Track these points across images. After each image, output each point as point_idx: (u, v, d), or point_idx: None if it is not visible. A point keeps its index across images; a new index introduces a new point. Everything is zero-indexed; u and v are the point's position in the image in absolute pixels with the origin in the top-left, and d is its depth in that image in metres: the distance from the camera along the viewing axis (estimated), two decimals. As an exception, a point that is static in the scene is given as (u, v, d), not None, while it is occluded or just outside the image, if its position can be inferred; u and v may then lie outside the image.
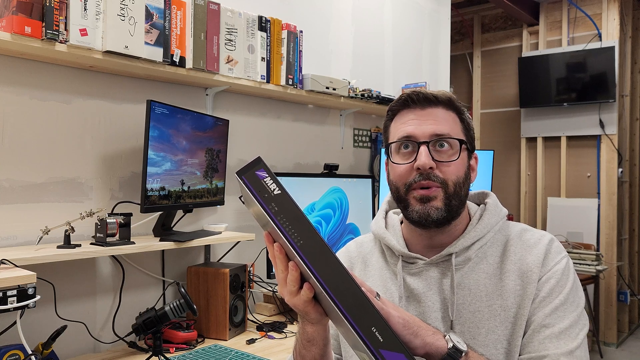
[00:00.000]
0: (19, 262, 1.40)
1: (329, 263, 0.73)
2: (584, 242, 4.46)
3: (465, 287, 0.98)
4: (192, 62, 1.93)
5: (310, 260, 0.72)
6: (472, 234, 1.00)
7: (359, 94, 2.71)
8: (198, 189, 2.00)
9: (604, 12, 4.55)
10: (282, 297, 0.82)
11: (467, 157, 1.02)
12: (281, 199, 0.74)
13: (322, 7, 2.80)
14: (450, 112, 1.01)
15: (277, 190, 0.74)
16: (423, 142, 0.98)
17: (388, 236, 1.07)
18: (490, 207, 1.05)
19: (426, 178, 0.97)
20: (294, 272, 0.77)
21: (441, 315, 0.98)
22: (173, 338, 1.81)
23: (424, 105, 1.01)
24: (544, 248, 0.98)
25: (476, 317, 0.95)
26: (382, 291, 1.05)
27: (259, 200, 0.74)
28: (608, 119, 4.52)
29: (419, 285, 1.01)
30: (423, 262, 1.02)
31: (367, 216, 2.66)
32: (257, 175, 0.75)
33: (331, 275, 0.72)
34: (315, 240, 0.73)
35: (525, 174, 4.99)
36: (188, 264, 2.08)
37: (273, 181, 0.75)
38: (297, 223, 0.73)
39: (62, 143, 1.76)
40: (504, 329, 0.93)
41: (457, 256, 1.00)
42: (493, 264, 0.99)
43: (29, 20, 1.47)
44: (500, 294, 0.96)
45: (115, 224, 1.64)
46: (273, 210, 0.74)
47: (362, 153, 3.11)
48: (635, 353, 4.39)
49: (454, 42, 5.22)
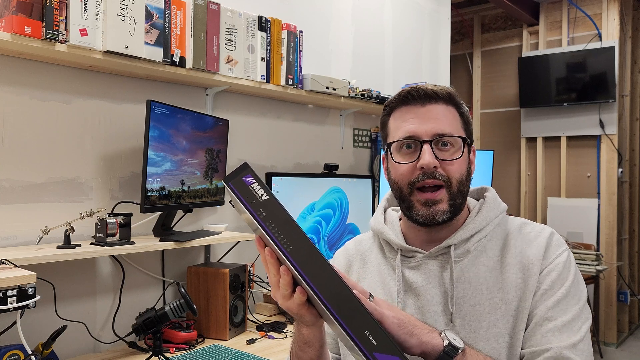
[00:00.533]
0: (19, 262, 1.40)
1: (319, 267, 0.72)
2: (584, 242, 4.46)
3: (465, 281, 0.97)
4: (192, 62, 1.93)
5: (300, 266, 0.72)
6: (470, 226, 1.00)
7: (359, 94, 2.71)
8: (198, 189, 2.00)
9: (604, 12, 4.55)
10: (276, 300, 0.82)
11: (468, 152, 1.02)
12: (269, 205, 0.74)
13: (322, 7, 2.80)
14: (450, 108, 1.01)
15: (265, 195, 0.74)
16: (426, 140, 0.97)
17: (387, 230, 1.07)
18: (489, 201, 1.05)
19: (430, 176, 0.96)
20: (286, 276, 0.77)
21: (441, 308, 0.97)
22: (173, 338, 1.81)
23: (424, 101, 1.00)
24: (544, 241, 0.97)
25: (477, 310, 0.95)
26: (381, 286, 1.05)
27: (246, 206, 0.74)
28: (608, 119, 4.52)
29: (418, 278, 1.01)
30: (422, 256, 1.01)
31: (367, 216, 2.66)
32: (244, 181, 0.75)
33: (322, 279, 0.72)
34: (304, 245, 0.73)
35: (525, 174, 5.00)
36: (188, 264, 2.08)
37: (260, 186, 0.74)
38: (286, 228, 0.73)
39: (62, 143, 1.76)
40: (505, 322, 0.93)
41: (456, 248, 0.99)
42: (493, 257, 0.99)
43: (29, 20, 1.47)
44: (501, 287, 0.95)
45: (115, 224, 1.64)
46: (261, 216, 0.73)
47: (362, 153, 3.11)
48: (635, 353, 4.39)
49: (454, 42, 5.22)
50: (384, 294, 1.04)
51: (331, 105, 2.78)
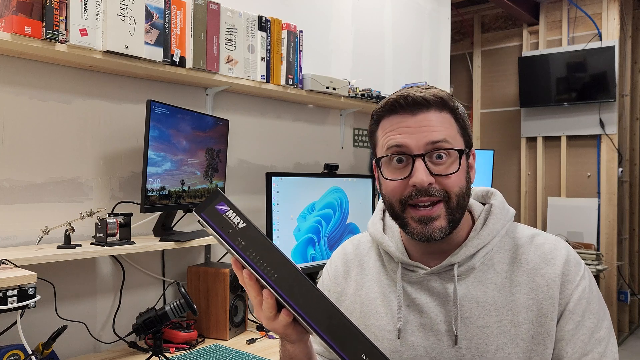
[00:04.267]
0: (19, 262, 1.40)
1: (307, 294, 0.69)
2: (584, 242, 4.46)
3: (472, 300, 0.91)
4: (192, 62, 1.93)
5: (287, 294, 0.69)
6: (475, 242, 0.93)
7: (359, 94, 2.71)
8: (198, 189, 2.00)
9: (604, 12, 4.55)
10: (260, 321, 0.79)
11: (466, 161, 0.93)
12: (247, 232, 0.69)
13: (322, 7, 2.80)
14: (444, 114, 0.91)
15: (242, 223, 0.69)
16: (418, 155, 0.87)
17: (386, 241, 1.00)
18: (496, 211, 0.96)
19: (425, 194, 0.87)
20: (269, 299, 0.74)
21: (445, 328, 0.91)
22: (173, 338, 1.81)
23: (414, 110, 0.89)
24: (562, 260, 0.91)
25: (484, 333, 0.89)
26: (381, 298, 1.00)
27: (223, 237, 0.69)
28: (608, 118, 4.52)
29: (420, 295, 0.95)
30: (424, 272, 0.95)
31: (367, 216, 2.66)
32: (217, 210, 0.69)
33: (311, 306, 0.69)
34: (289, 271, 0.69)
35: (526, 173, 4.99)
36: (188, 263, 2.08)
37: (236, 214, 0.69)
38: (268, 255, 0.69)
39: (62, 143, 1.76)
40: (515, 346, 0.88)
41: (459, 266, 0.92)
42: (502, 273, 0.92)
43: (29, 20, 1.47)
44: (510, 309, 0.89)
45: (115, 224, 1.64)
46: (240, 245, 0.69)
47: (362, 153, 3.11)
48: (635, 353, 4.39)
49: (454, 41, 5.22)
50: (384, 306, 0.99)
51: (331, 105, 2.78)
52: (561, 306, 0.89)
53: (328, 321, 0.69)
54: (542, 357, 0.88)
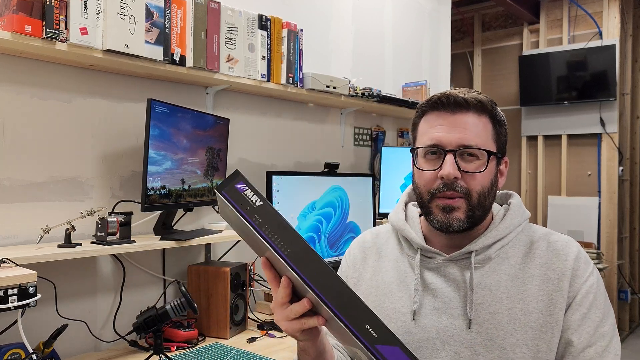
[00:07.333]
0: (19, 261, 1.40)
1: (317, 267, 0.74)
2: (585, 241, 4.46)
3: (485, 287, 0.97)
4: (192, 61, 1.93)
5: (298, 267, 0.74)
6: (493, 233, 1.00)
7: (359, 93, 2.71)
8: (198, 188, 2.00)
9: (605, 11, 4.54)
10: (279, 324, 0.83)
11: (495, 165, 1.00)
12: (263, 210, 0.75)
13: (322, 5, 2.80)
14: (482, 117, 0.99)
15: (259, 201, 0.75)
16: (450, 150, 0.96)
17: (407, 228, 1.07)
18: (514, 208, 1.04)
19: (450, 188, 0.96)
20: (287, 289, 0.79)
21: (458, 312, 0.97)
22: (174, 337, 1.81)
23: (453, 109, 0.98)
24: (573, 256, 0.97)
25: (495, 318, 0.95)
26: (397, 282, 1.05)
27: (242, 213, 0.75)
28: (609, 117, 4.52)
29: (437, 280, 1.00)
30: (442, 259, 1.01)
31: (367, 215, 2.66)
32: (237, 189, 0.75)
33: (320, 278, 0.74)
34: (301, 247, 0.74)
35: (526, 172, 4.99)
36: (189, 262, 2.08)
37: (254, 193, 0.75)
38: (282, 232, 0.74)
39: (63, 142, 1.76)
40: (524, 333, 0.93)
41: (477, 254, 0.99)
42: (515, 265, 0.98)
43: (29, 19, 1.47)
44: (521, 299, 0.95)
45: (115, 223, 1.64)
46: (257, 222, 0.74)
47: (362, 152, 3.11)
48: (636, 352, 4.39)
49: (455, 40, 5.21)
50: (399, 290, 1.04)
51: (332, 104, 2.78)
52: (569, 298, 0.94)
53: (336, 293, 0.73)
54: (549, 345, 0.93)
